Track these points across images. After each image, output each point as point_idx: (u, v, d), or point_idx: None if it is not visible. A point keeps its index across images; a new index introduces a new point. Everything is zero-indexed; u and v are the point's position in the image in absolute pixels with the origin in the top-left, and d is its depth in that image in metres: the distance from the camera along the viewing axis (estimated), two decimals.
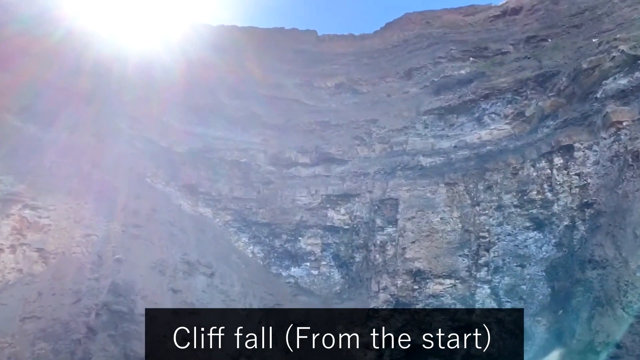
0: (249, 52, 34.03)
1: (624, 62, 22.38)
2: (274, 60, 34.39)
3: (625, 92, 22.03)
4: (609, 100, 22.25)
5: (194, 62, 30.14)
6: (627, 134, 21.04)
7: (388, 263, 24.84)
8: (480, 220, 24.44)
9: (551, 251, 22.27)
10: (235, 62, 32.92)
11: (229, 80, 32.22)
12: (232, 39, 33.88)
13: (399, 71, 32.43)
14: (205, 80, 30.61)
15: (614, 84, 22.50)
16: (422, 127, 28.66)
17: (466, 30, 32.49)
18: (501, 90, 27.12)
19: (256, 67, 33.54)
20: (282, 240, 27.59)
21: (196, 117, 29.99)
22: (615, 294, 18.20)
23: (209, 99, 30.78)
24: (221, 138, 30.12)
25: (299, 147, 30.17)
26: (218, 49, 32.11)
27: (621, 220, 19.54)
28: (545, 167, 23.45)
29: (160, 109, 28.62)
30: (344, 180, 28.43)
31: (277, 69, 33.86)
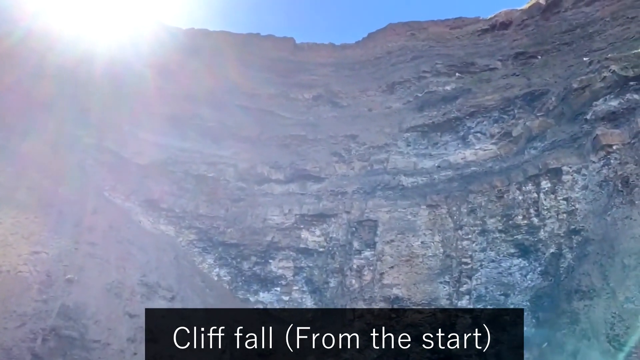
0: (221, 58, 34.37)
1: (615, 83, 23.30)
2: (248, 68, 34.78)
3: (616, 114, 22.93)
4: (599, 122, 23.14)
5: (160, 67, 30.30)
6: (617, 158, 21.84)
7: (365, 289, 25.11)
8: (462, 245, 24.98)
9: (536, 280, 22.85)
10: (206, 69, 33.17)
11: (198, 88, 32.40)
12: (204, 44, 34.22)
13: (381, 84, 33.13)
14: (171, 86, 30.75)
15: (605, 105, 23.41)
16: (405, 145, 29.30)
17: (452, 44, 33.47)
18: (487, 109, 27.99)
19: (228, 75, 33.87)
20: (250, 262, 27.65)
21: (161, 127, 30.00)
22: (602, 327, 18.74)
23: (176, 107, 30.87)
24: (187, 150, 30.20)
25: (272, 162, 30.43)
26: (188, 54, 32.39)
27: (609, 249, 20.21)
28: (531, 191, 24.17)
29: (122, 117, 28.60)
30: (320, 199, 28.74)
31: (251, 78, 34.24)
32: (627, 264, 19.28)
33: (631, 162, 21.12)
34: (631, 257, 19.24)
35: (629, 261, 19.25)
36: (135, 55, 29.90)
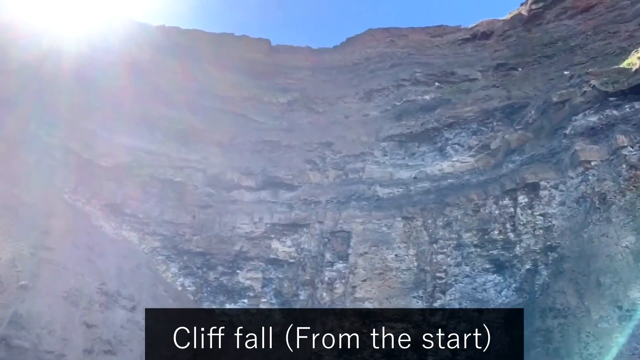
0: (193, 57, 34.36)
1: (595, 98, 24.04)
2: (221, 69, 34.82)
3: (595, 129, 23.65)
4: (578, 137, 23.84)
5: (129, 65, 30.14)
6: (595, 175, 22.53)
7: (336, 303, 25.30)
8: (437, 260, 25.40)
9: (511, 296, 23.36)
10: (177, 68, 33.12)
11: (167, 88, 32.30)
12: (175, 42, 34.17)
13: (358, 91, 33.56)
14: (139, 85, 30.59)
15: (584, 120, 24.12)
16: (381, 155, 29.71)
17: (432, 53, 34.13)
18: (466, 120, 28.61)
19: (199, 75, 33.85)
20: (217, 272, 27.58)
21: (126, 127, 29.78)
22: (576, 346, 19.29)
23: (143, 107, 30.68)
24: (154, 153, 30.02)
25: (243, 168, 30.47)
26: (157, 52, 32.30)
27: (585, 267, 20.83)
28: (508, 205, 24.76)
29: (86, 116, 28.34)
30: (292, 208, 28.89)
31: (223, 79, 34.30)
32: (603, 282, 19.89)
33: (609, 179, 21.81)
34: (606, 276, 19.87)
35: (605, 280, 19.87)
36: (105, 51, 29.72)
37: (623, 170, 21.50)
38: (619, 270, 19.71)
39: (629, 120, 22.66)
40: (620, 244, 20.16)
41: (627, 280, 19.35)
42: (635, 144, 21.79)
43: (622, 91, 23.28)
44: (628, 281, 19.29)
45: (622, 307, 18.96)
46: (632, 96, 23.02)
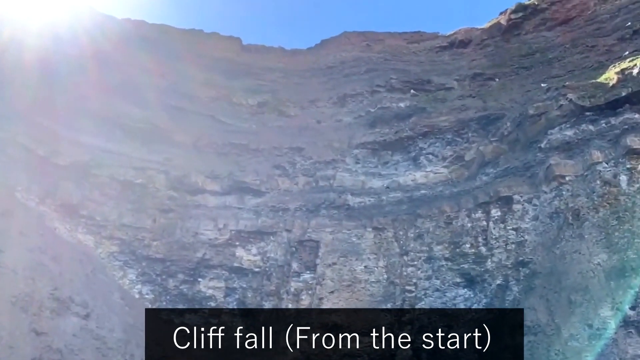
0: (158, 53, 34.23)
1: (571, 112, 24.79)
2: (188, 66, 34.79)
3: (571, 144, 24.39)
4: (553, 151, 24.56)
5: (89, 59, 29.90)
6: (569, 190, 23.25)
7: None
8: (407, 272, 25.81)
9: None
10: (141, 64, 32.97)
11: (130, 84, 32.09)
12: (140, 36, 34.00)
13: (332, 96, 33.90)
14: (101, 81, 30.35)
15: (560, 134, 24.86)
16: (353, 162, 30.08)
17: (409, 59, 34.72)
18: (441, 130, 29.20)
19: (165, 72, 33.76)
20: (177, 280, 27.46)
21: (86, 124, 29.50)
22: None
23: (103, 104, 30.43)
24: (114, 152, 29.78)
25: (208, 171, 30.45)
26: (120, 46, 32.08)
27: (556, 284, 21.47)
28: (481, 219, 25.35)
29: (43, 111, 27.99)
30: (258, 215, 28.97)
31: (190, 77, 34.25)
32: (574, 300, 20.53)
33: (583, 195, 22.53)
34: (577, 293, 20.52)
35: (576, 297, 20.51)
36: (68, 43, 29.43)
37: (597, 187, 22.20)
38: (590, 288, 20.33)
39: (604, 135, 23.42)
40: (592, 261, 20.82)
41: (598, 298, 19.99)
42: (610, 160, 22.51)
43: (598, 106, 24.03)
44: (599, 299, 19.93)
45: (593, 326, 19.57)
46: (608, 111, 23.78)
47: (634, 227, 20.63)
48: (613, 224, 21.09)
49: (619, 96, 23.60)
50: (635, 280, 19.65)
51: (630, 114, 23.11)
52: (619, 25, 30.16)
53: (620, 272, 19.96)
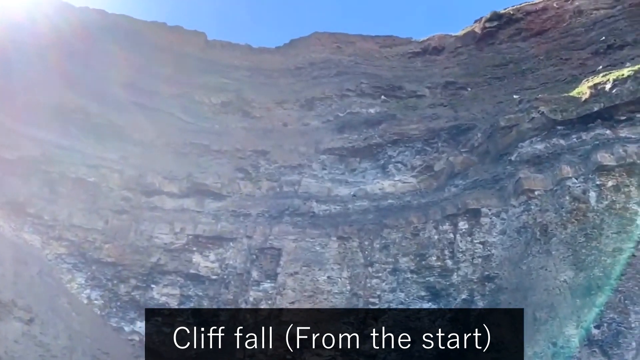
0: (117, 46, 34.04)
1: (542, 126, 25.58)
2: (149, 60, 34.65)
3: (541, 158, 25.15)
4: (523, 165, 25.28)
5: (43, 49, 29.55)
6: (538, 205, 23.96)
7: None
8: (371, 284, 26.14)
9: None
10: (98, 56, 32.77)
11: (85, 77, 31.87)
12: (99, 27, 33.78)
13: (299, 98, 34.16)
14: (55, 71, 30.02)
15: (530, 147, 25.62)
16: (320, 168, 30.38)
17: (381, 64, 35.27)
18: (411, 138, 29.77)
19: (125, 66, 33.56)
20: (129, 286, 27.25)
21: (37, 118, 29.13)
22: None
23: (57, 96, 30.12)
24: (66, 148, 29.48)
25: (166, 171, 30.33)
26: (77, 37, 31.78)
27: (522, 299, 22.10)
28: (448, 231, 25.89)
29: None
30: (218, 220, 28.97)
31: (151, 72, 34.11)
32: (539, 316, 21.15)
33: (551, 210, 23.26)
34: (543, 310, 21.16)
35: (541, 314, 21.15)
36: (23, 33, 29.02)
37: (566, 202, 22.94)
38: (556, 305, 21.00)
39: (575, 150, 24.23)
40: (558, 278, 21.51)
41: (563, 316, 20.65)
42: (580, 176, 23.27)
43: (570, 120, 24.89)
44: (564, 317, 20.58)
45: (557, 344, 20.19)
46: (579, 126, 24.64)
47: (601, 245, 21.38)
48: (580, 241, 21.83)
49: (591, 111, 24.49)
50: (600, 298, 20.36)
51: (602, 130, 23.98)
52: (594, 39, 31.24)
53: (586, 290, 20.65)
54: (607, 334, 19.72)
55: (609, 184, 22.55)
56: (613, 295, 20.24)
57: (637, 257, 20.83)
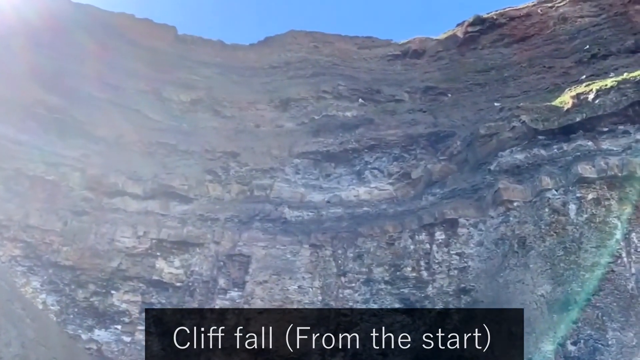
0: (82, 37, 33.86)
1: (523, 135, 26.07)
2: (115, 54, 34.51)
3: (521, 168, 25.63)
4: (502, 175, 25.75)
5: (7, 38, 29.28)
6: (517, 216, 24.42)
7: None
8: (344, 295, 26.33)
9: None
10: (61, 47, 32.53)
11: (46, 69, 31.60)
12: (62, 17, 33.52)
13: (273, 99, 34.29)
14: (17, 62, 29.75)
15: (510, 157, 26.11)
16: (293, 173, 30.52)
17: (359, 66, 35.62)
18: (389, 144, 30.11)
19: (88, 59, 33.39)
20: (88, 291, 27.05)
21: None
22: None
23: (15, 89, 29.83)
24: (24, 144, 29.18)
25: (130, 171, 30.19)
26: (45, 26, 31.51)
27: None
28: (424, 241, 26.22)
29: None
30: (184, 224, 28.90)
31: (117, 66, 33.97)
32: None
33: (530, 222, 23.72)
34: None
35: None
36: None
37: (545, 214, 23.43)
38: (532, 320, 21.43)
39: (555, 161, 24.73)
40: (536, 292, 21.95)
41: (539, 331, 21.09)
42: (560, 188, 23.75)
43: (551, 130, 25.40)
44: (540, 333, 21.03)
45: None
46: (561, 137, 25.16)
47: (580, 259, 21.86)
48: (559, 255, 22.29)
49: (573, 121, 25.02)
50: (578, 314, 20.84)
51: (584, 141, 24.52)
52: (578, 48, 31.97)
53: (564, 305, 21.12)
54: (583, 351, 20.19)
55: (589, 197, 23.01)
56: (590, 311, 20.74)
57: (616, 272, 21.33)
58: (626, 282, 21.15)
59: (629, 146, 23.75)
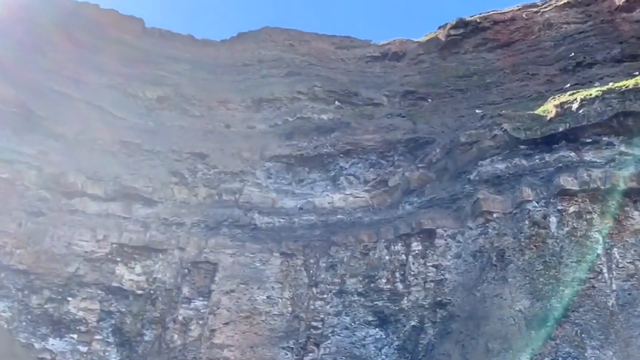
0: (42, 27, 33.62)
1: (504, 144, 26.47)
2: (77, 46, 34.32)
3: (501, 178, 26.03)
4: (482, 185, 26.14)
5: None
6: (496, 228, 24.81)
7: (189, 348, 25.49)
8: (315, 306, 26.48)
9: (392, 355, 24.87)
10: (21, 38, 32.25)
11: (6, 59, 31.32)
12: (23, 7, 33.24)
13: (245, 98, 34.40)
14: None
15: (491, 167, 26.51)
16: (264, 177, 30.65)
17: (336, 67, 35.89)
18: (365, 150, 30.42)
19: (49, 50, 33.17)
20: (42, 297, 26.83)
21: None
22: None
23: None
24: None
25: (90, 171, 30.02)
26: (4, 15, 31.23)
27: (474, 329, 22.82)
28: (400, 252, 26.50)
29: None
30: (147, 228, 28.83)
31: (80, 59, 33.81)
32: (491, 348, 21.86)
33: (509, 235, 24.10)
34: (496, 341, 21.88)
35: (493, 345, 21.87)
36: None
37: (525, 227, 23.82)
38: (510, 336, 21.77)
39: (537, 172, 25.15)
40: (514, 307, 22.31)
41: (516, 348, 21.41)
42: (541, 200, 24.18)
43: (533, 140, 25.81)
44: (517, 349, 21.34)
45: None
46: (543, 147, 25.57)
47: (560, 274, 22.27)
48: (538, 269, 22.70)
49: (555, 131, 25.47)
50: (556, 331, 21.22)
51: (566, 152, 24.97)
52: (563, 55, 32.59)
53: (542, 321, 21.49)
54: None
55: (570, 210, 23.46)
56: (569, 328, 21.12)
57: (596, 288, 21.76)
58: (606, 298, 21.60)
59: (612, 158, 24.26)
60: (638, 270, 22.03)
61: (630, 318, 21.16)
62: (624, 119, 24.55)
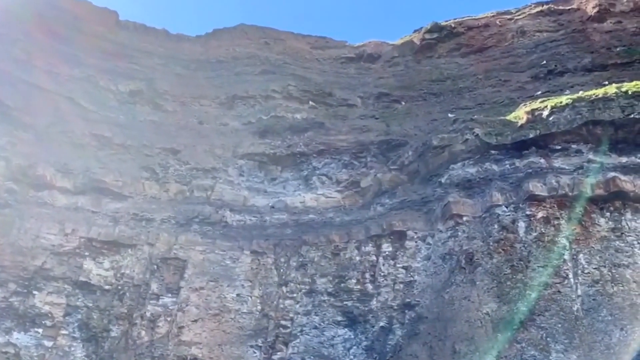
0: (14, 18, 33.27)
1: (476, 148, 26.84)
2: (48, 37, 34.07)
3: (472, 182, 26.39)
4: (453, 188, 26.48)
5: None
6: (465, 232, 25.14)
7: (156, 344, 25.39)
8: (284, 305, 26.55)
9: (360, 355, 25.04)
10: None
11: None
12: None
13: (219, 95, 34.37)
14: None
15: (462, 170, 26.86)
16: (236, 174, 30.64)
17: (311, 66, 36.06)
18: (338, 150, 30.61)
19: (19, 39, 32.82)
20: (7, 291, 26.43)
21: None
22: None
23: None
24: None
25: (60, 164, 29.72)
26: None
27: (442, 330, 23.12)
28: (371, 253, 26.69)
29: None
30: (116, 223, 28.61)
31: (51, 50, 33.49)
32: (458, 350, 22.17)
33: (479, 238, 24.44)
34: (463, 343, 22.20)
35: (460, 347, 22.18)
36: None
37: (494, 231, 24.19)
38: (477, 338, 22.10)
39: (507, 177, 25.55)
40: (481, 309, 22.66)
41: (483, 350, 21.74)
42: (510, 204, 24.57)
43: (504, 145, 26.22)
44: (484, 352, 21.68)
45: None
46: (513, 152, 25.99)
47: (527, 278, 22.67)
48: (506, 273, 23.07)
49: (526, 137, 25.91)
50: (522, 334, 21.61)
51: (536, 158, 25.43)
52: (535, 62, 33.23)
53: (509, 324, 21.83)
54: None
55: (539, 215, 23.85)
56: (535, 332, 21.52)
57: (562, 293, 22.19)
58: (572, 303, 22.03)
59: (580, 165, 24.74)
60: (603, 276, 22.49)
61: (594, 323, 21.60)
62: (592, 127, 25.04)
